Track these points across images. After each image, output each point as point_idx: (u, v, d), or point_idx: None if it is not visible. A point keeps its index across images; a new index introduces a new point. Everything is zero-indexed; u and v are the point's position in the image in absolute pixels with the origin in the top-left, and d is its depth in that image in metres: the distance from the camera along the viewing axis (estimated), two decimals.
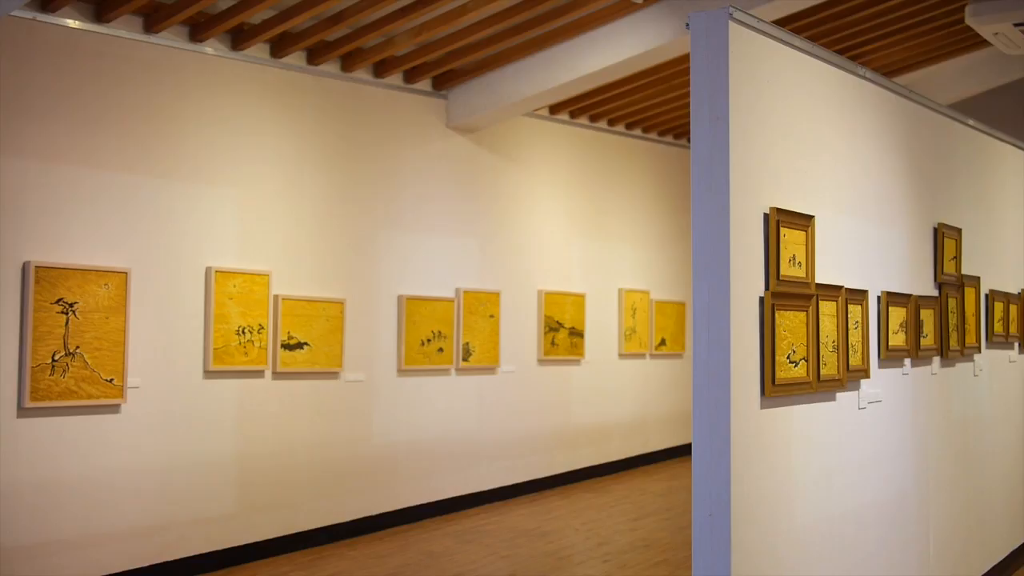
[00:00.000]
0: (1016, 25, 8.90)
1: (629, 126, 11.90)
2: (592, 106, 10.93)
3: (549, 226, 10.79)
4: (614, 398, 11.65)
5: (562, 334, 10.76)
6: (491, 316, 9.82)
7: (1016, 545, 7.31)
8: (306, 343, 8.06)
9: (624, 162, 11.96)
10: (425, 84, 9.35)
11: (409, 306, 8.98)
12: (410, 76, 9.13)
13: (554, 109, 10.77)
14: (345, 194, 8.54)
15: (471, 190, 9.81)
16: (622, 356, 11.75)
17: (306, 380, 8.13)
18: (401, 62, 8.77)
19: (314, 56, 8.30)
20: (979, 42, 10.45)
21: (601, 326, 11.42)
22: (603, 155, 11.63)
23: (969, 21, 8.92)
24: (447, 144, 9.57)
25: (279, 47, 8.02)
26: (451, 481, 9.45)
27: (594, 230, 11.45)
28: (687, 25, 4.16)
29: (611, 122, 11.62)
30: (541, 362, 10.55)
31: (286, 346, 7.92)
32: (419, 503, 9.11)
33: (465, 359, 9.53)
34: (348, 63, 8.54)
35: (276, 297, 7.86)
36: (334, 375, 8.34)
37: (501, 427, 10.02)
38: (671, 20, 7.91)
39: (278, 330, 7.86)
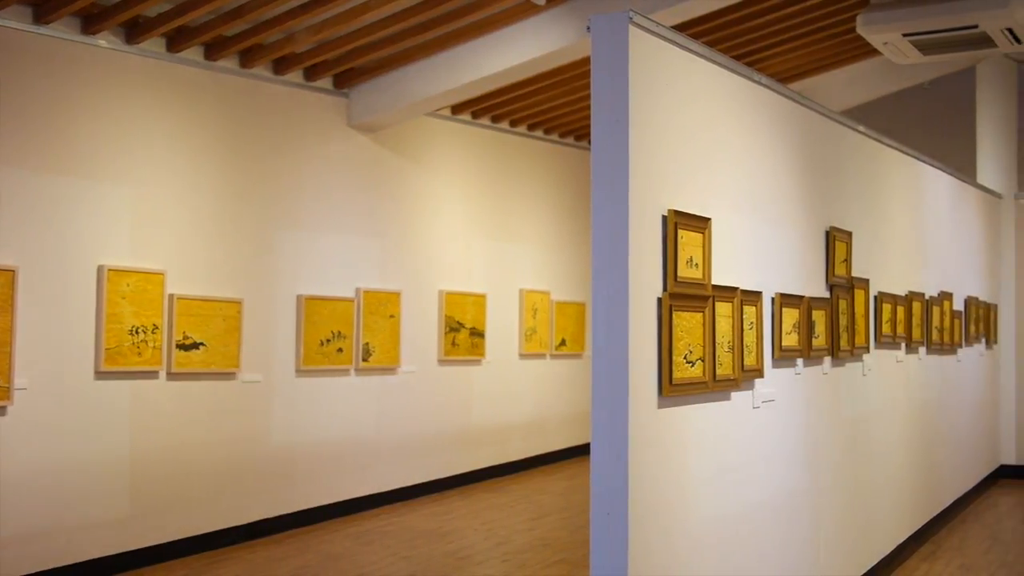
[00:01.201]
0: (905, 35, 9.18)
1: (531, 127, 11.96)
2: (494, 106, 10.96)
3: (450, 226, 10.78)
4: (514, 398, 11.69)
5: (463, 334, 10.76)
6: (391, 316, 9.76)
7: (902, 539, 7.54)
8: (202, 343, 7.91)
9: (526, 163, 12.01)
10: (326, 82, 9.26)
11: (308, 306, 8.88)
12: (310, 74, 9.03)
13: (456, 109, 10.76)
14: (243, 192, 8.41)
15: (372, 189, 9.74)
16: (523, 356, 11.80)
17: (202, 381, 7.98)
18: (301, 59, 8.67)
19: (212, 52, 8.15)
20: (870, 51, 10.74)
21: (502, 326, 11.45)
22: (505, 156, 11.67)
23: (860, 31, 9.17)
24: (348, 143, 9.49)
25: (176, 41, 7.86)
26: (351, 482, 9.38)
27: (496, 230, 11.47)
28: (588, 28, 4.19)
29: (513, 123, 11.66)
30: (442, 362, 10.53)
31: (181, 346, 7.76)
32: (318, 504, 9.02)
33: (365, 359, 9.46)
34: (247, 59, 8.41)
35: (171, 296, 7.70)
36: (231, 376, 8.21)
37: (401, 427, 9.97)
38: (573, 22, 7.96)
39: (173, 330, 7.70)
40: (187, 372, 7.82)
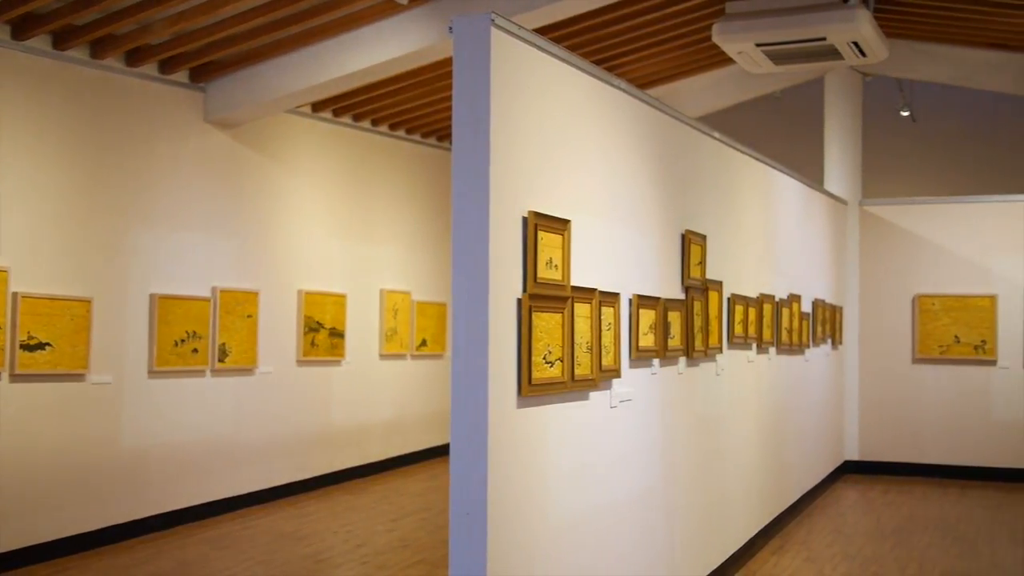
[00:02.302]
0: (758, 45, 9.47)
1: (393, 127, 11.89)
2: (356, 105, 10.86)
3: (310, 225, 10.64)
4: (374, 399, 11.61)
5: (322, 334, 10.63)
6: (249, 316, 9.58)
7: (752, 534, 7.77)
8: (48, 343, 7.61)
9: (387, 162, 11.94)
10: (182, 75, 9.02)
11: (162, 305, 8.63)
12: (166, 66, 8.78)
13: (317, 107, 10.63)
14: (94, 188, 8.13)
15: (230, 187, 9.54)
16: (383, 357, 11.73)
17: (48, 383, 7.68)
18: (156, 51, 8.42)
19: (60, 40, 7.84)
20: (725, 60, 11.05)
21: (362, 327, 11.36)
22: (366, 155, 11.58)
23: (716, 39, 9.42)
24: (205, 139, 9.26)
25: (22, 29, 7.53)
26: (206, 485, 9.16)
27: (356, 230, 11.37)
28: (450, 29, 4.19)
29: (375, 122, 11.58)
30: (300, 363, 10.38)
31: (26, 347, 7.46)
32: (172, 509, 8.77)
33: (221, 360, 9.26)
34: (98, 50, 8.13)
35: (15, 295, 7.39)
36: (79, 377, 7.92)
37: (259, 429, 9.79)
38: (436, 23, 7.96)
39: (17, 330, 7.39)
40: (32, 374, 7.52)
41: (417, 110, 11.36)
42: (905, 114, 14.10)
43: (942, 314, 11.60)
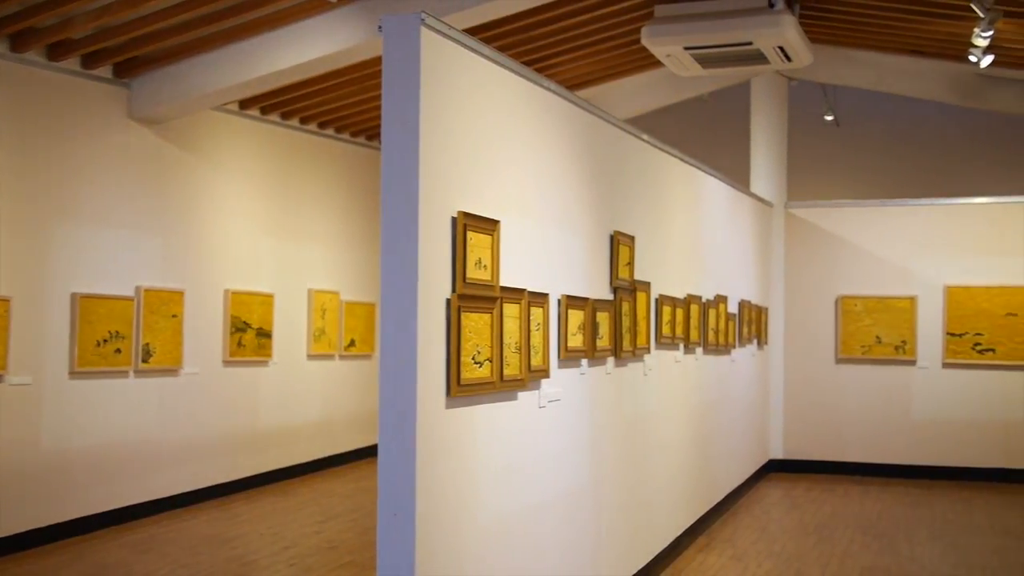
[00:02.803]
0: (686, 49, 9.58)
1: (322, 125, 11.80)
2: (284, 103, 10.76)
3: (237, 224, 10.51)
4: (302, 399, 11.51)
5: (249, 335, 10.51)
6: (174, 316, 9.44)
7: (679, 533, 7.85)
8: None
9: (316, 161, 11.85)
10: (105, 71, 8.85)
11: (84, 304, 8.46)
12: (89, 61, 8.61)
13: (245, 104, 10.51)
14: (13, 183, 7.93)
15: (155, 184, 9.38)
16: (311, 357, 11.63)
17: None
18: (79, 45, 8.25)
19: None
20: (655, 62, 11.14)
21: (290, 327, 11.25)
22: (295, 153, 11.47)
23: (645, 42, 9.51)
24: (129, 135, 9.10)
25: None
26: (129, 488, 9.00)
27: (284, 229, 11.26)
28: (380, 28, 4.17)
29: (303, 120, 11.48)
30: (227, 363, 10.25)
31: None
32: (94, 512, 8.60)
33: (145, 360, 9.11)
34: (19, 43, 7.94)
35: None
36: None
37: (184, 431, 9.65)
38: (365, 21, 7.91)
39: None
40: None
41: (346, 109, 11.28)
42: (829, 118, 14.34)
43: (864, 315, 11.82)
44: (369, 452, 12.52)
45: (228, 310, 10.23)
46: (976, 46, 8.90)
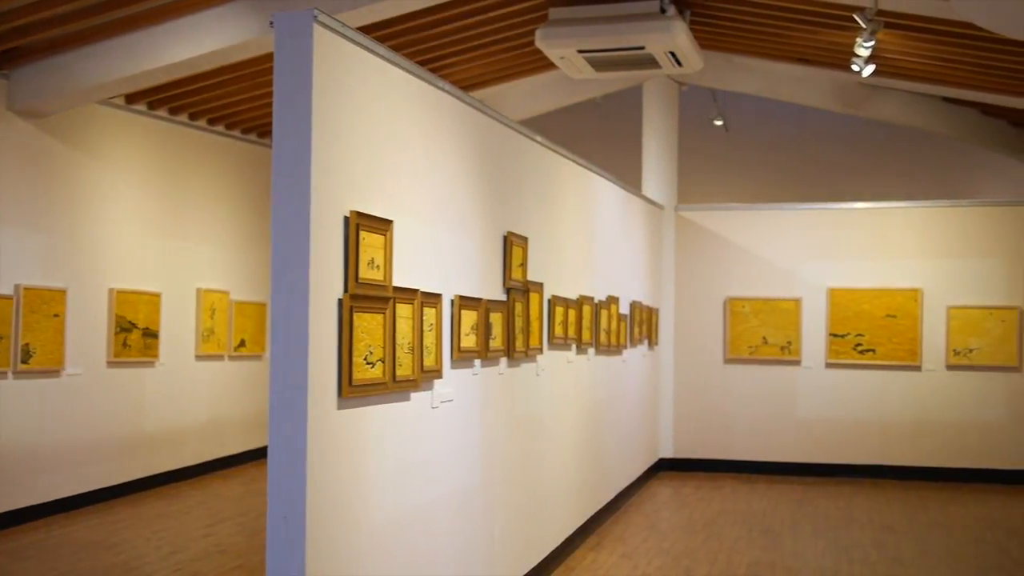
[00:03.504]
0: (580, 52, 9.67)
1: (212, 121, 11.59)
2: (173, 98, 10.53)
3: (123, 221, 10.24)
4: (190, 401, 11.28)
5: (135, 335, 10.25)
6: (55, 315, 9.16)
7: (570, 532, 7.91)
8: None
9: (206, 158, 11.62)
10: None
11: None
12: None
13: (131, 98, 10.25)
14: None
15: (35, 180, 9.08)
16: (199, 357, 11.41)
17: None
18: None
19: None
20: (549, 64, 11.21)
21: (177, 326, 11.01)
22: (183, 150, 11.24)
23: (539, 44, 9.56)
24: (8, 128, 8.79)
25: None
26: (8, 494, 8.69)
27: (172, 227, 11.02)
28: (271, 24, 4.12)
29: (193, 116, 11.25)
30: (111, 364, 9.99)
31: None
32: None
33: (24, 361, 8.81)
34: None
35: None
36: None
37: (65, 433, 9.36)
38: (258, 17, 7.80)
39: None
40: None
41: (237, 105, 11.10)
42: (718, 123, 14.63)
43: (751, 316, 12.09)
44: (260, 454, 12.33)
45: (113, 309, 9.96)
46: (859, 56, 9.18)
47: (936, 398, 11.63)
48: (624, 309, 9.86)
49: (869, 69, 9.54)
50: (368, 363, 4.45)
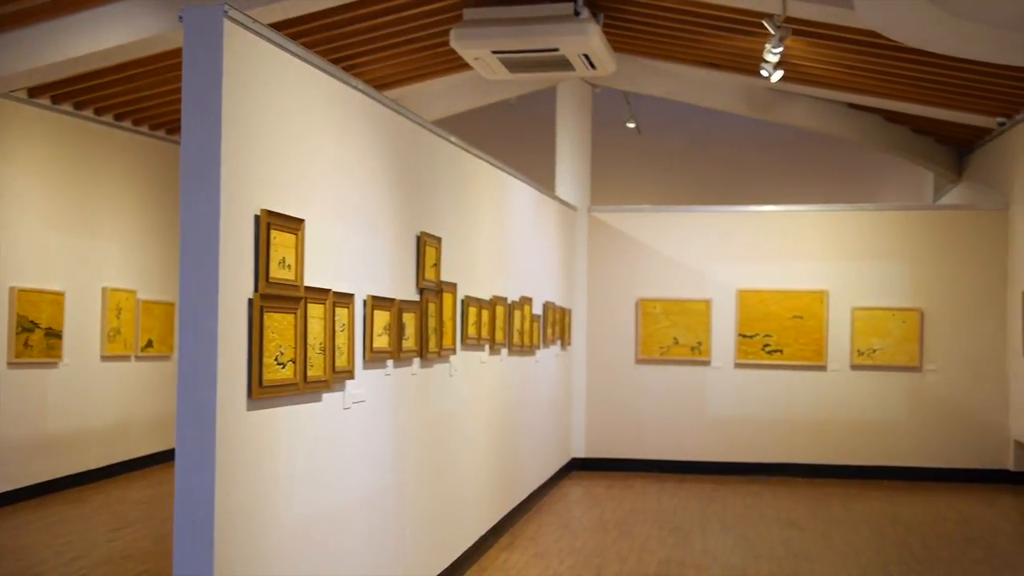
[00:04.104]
0: (494, 53, 9.69)
1: (118, 117, 11.33)
2: (78, 92, 10.28)
3: (24, 218, 9.97)
4: (95, 402, 11.02)
5: (37, 335, 9.98)
6: None
7: (483, 532, 7.92)
8: None
9: (112, 154, 11.37)
10: None
11: None
12: None
13: (34, 92, 9.97)
14: None
15: None
16: (105, 358, 11.16)
17: None
18: None
19: None
20: (464, 65, 11.20)
21: (82, 326, 10.75)
22: (89, 145, 10.97)
23: (453, 44, 9.56)
24: None
25: None
26: None
27: (77, 225, 10.76)
28: (181, 19, 4.05)
29: (99, 111, 11.00)
30: (12, 365, 9.71)
31: None
32: None
33: None
34: None
35: None
36: None
37: None
38: (167, 10, 7.67)
39: None
40: None
41: (145, 101, 10.89)
42: (631, 125, 14.78)
43: (662, 317, 12.23)
44: (167, 456, 12.10)
45: (14, 309, 9.69)
46: (767, 61, 9.36)
47: (841, 397, 11.90)
48: (537, 310, 9.91)
49: (778, 75, 9.72)
50: (279, 364, 4.40)
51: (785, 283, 12.02)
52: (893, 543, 8.51)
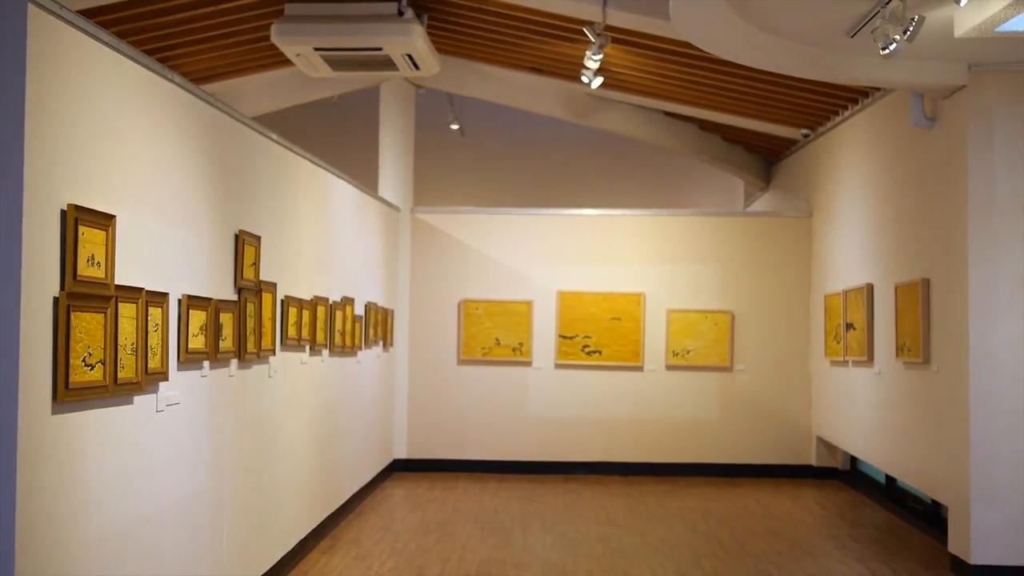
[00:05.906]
0: (316, 50, 9.57)
1: None
2: None
3: None
4: None
5: None
6: None
7: (303, 535, 7.80)
8: None
9: None
10: None
11: None
12: None
13: None
14: None
15: None
16: None
17: None
18: None
19: None
20: (285, 60, 11.01)
21: None
22: None
23: (274, 40, 9.39)
24: None
25: None
26: None
27: None
28: None
29: None
30: None
31: None
32: None
33: None
34: None
35: None
36: None
37: None
38: None
39: None
40: None
41: None
42: (455, 127, 14.84)
43: (485, 318, 12.33)
44: None
45: None
46: (588, 68, 9.56)
47: (656, 397, 12.25)
48: (359, 310, 9.83)
49: (597, 81, 9.94)
50: (87, 365, 4.23)
51: (604, 285, 12.29)
52: (705, 537, 8.82)
